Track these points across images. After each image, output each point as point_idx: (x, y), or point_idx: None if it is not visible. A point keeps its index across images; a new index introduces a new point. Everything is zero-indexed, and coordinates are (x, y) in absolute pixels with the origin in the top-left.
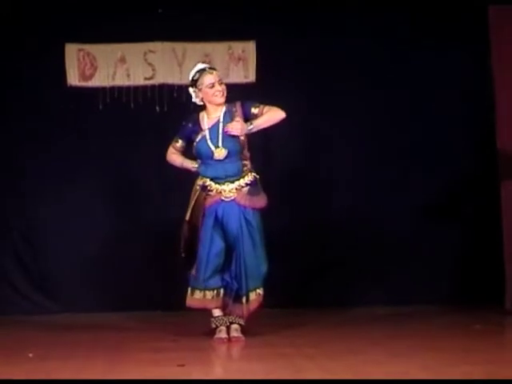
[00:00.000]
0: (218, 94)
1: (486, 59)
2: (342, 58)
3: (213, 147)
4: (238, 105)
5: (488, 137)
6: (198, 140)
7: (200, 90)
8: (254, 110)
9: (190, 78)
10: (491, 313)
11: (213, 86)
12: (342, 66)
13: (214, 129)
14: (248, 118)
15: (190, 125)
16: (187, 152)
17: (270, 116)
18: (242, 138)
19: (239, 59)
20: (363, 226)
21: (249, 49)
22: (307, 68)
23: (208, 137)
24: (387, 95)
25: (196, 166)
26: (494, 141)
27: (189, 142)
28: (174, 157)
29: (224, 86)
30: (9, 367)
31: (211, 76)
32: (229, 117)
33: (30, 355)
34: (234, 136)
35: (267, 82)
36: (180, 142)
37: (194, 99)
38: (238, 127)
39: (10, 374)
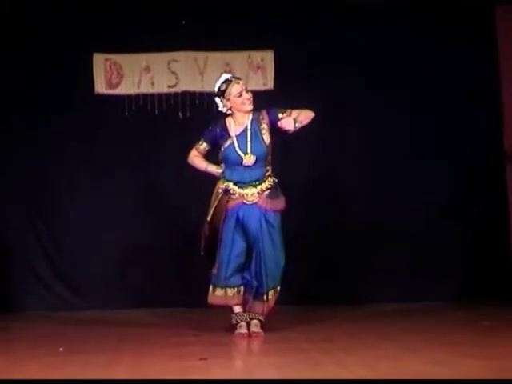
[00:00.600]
0: (247, 102)
1: (493, 59)
2: (358, 64)
3: (242, 154)
4: (264, 112)
5: (495, 135)
6: (226, 146)
7: (228, 99)
8: (282, 116)
9: (217, 89)
10: (499, 309)
11: (241, 94)
12: (358, 72)
13: (241, 136)
14: (274, 124)
15: (217, 129)
16: (209, 155)
17: (306, 115)
18: (268, 143)
19: (258, 67)
20: (374, 226)
21: (267, 58)
22: (324, 75)
23: (236, 144)
24: (397, 99)
25: (220, 170)
26: (500, 139)
27: (213, 146)
28: (197, 160)
29: (250, 94)
30: (37, 360)
31: (238, 86)
32: (256, 124)
33: (61, 349)
34: (263, 141)
35: (285, 90)
36: (204, 144)
37: (220, 108)
38: (292, 123)
39: (39, 367)
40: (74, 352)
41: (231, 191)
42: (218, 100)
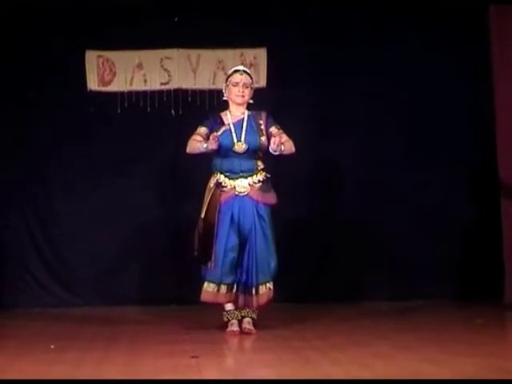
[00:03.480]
0: (239, 95)
1: (486, 60)
2: (352, 64)
3: (235, 140)
4: (264, 115)
5: (489, 135)
6: (220, 132)
7: (227, 85)
8: (273, 129)
9: (227, 75)
10: (492, 307)
11: (236, 84)
12: (351, 71)
13: (238, 124)
14: (267, 131)
15: (212, 118)
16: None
17: (291, 147)
18: (263, 140)
19: (251, 65)
20: (369, 224)
21: (260, 55)
22: (316, 74)
23: (233, 129)
24: (390, 99)
25: (210, 146)
26: (494, 139)
27: (211, 132)
28: (195, 144)
29: (248, 91)
30: (30, 358)
31: (240, 76)
32: (253, 121)
33: (52, 347)
34: (259, 135)
35: (278, 88)
36: (204, 128)
37: (224, 95)
38: (279, 147)
39: (31, 365)
40: (65, 349)
41: (222, 183)
42: (223, 85)
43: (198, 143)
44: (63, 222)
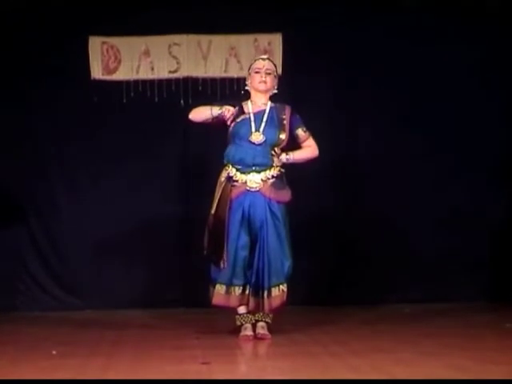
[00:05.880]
0: (261, 81)
1: None
2: (369, 51)
3: (253, 129)
4: (288, 111)
5: None
6: (239, 120)
7: (249, 74)
8: (300, 133)
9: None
10: None
11: (259, 71)
12: (368, 59)
13: (258, 115)
14: (292, 131)
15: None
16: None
17: (308, 154)
18: (283, 137)
19: (265, 52)
20: (391, 224)
21: (275, 41)
22: (334, 61)
23: (252, 119)
24: (412, 91)
25: (226, 108)
26: None
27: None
28: (203, 108)
29: (271, 79)
30: (29, 364)
31: (262, 62)
32: (275, 112)
33: (54, 352)
34: (278, 129)
35: (294, 75)
36: (217, 107)
37: (247, 85)
38: (283, 160)
39: (33, 372)
40: (67, 355)
41: (233, 177)
42: (246, 76)
43: (207, 109)
44: (64, 219)
